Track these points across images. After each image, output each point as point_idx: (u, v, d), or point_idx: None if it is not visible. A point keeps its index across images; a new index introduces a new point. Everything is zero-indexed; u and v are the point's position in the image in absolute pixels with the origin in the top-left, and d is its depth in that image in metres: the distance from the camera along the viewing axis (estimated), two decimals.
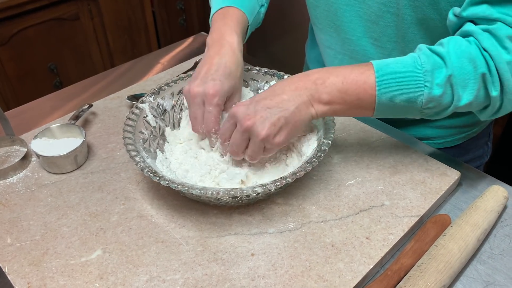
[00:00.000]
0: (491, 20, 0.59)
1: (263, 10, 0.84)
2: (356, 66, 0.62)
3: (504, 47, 0.58)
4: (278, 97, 0.62)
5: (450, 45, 0.60)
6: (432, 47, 0.61)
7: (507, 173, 1.16)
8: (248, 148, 0.64)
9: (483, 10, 0.59)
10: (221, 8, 0.76)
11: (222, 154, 0.69)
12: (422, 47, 0.62)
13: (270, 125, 0.61)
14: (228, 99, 0.70)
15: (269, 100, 0.62)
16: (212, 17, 0.77)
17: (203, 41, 1.17)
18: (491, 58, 0.58)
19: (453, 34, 0.65)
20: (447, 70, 0.58)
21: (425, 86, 0.59)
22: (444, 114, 0.63)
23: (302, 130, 0.64)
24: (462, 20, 0.63)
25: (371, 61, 0.62)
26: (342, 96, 0.61)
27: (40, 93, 1.00)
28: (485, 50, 0.58)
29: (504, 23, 0.58)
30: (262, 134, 0.61)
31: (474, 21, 0.61)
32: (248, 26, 0.78)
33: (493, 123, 0.98)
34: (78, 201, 0.68)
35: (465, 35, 0.62)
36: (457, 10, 0.63)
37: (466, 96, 0.60)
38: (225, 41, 0.70)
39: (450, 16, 0.65)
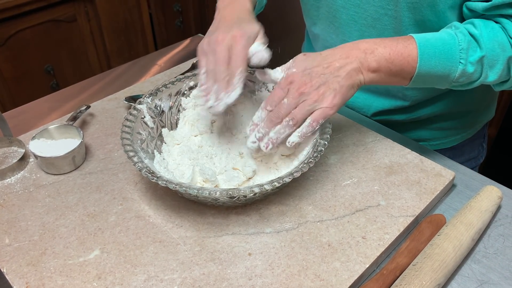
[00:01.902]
0: None
1: None
2: (400, 39, 0.66)
3: None
4: (331, 65, 0.65)
5: (482, 27, 0.65)
6: (466, 26, 0.66)
7: (502, 174, 1.17)
8: (296, 108, 0.64)
9: (506, 10, 0.65)
10: None
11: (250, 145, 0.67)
12: (458, 25, 0.67)
13: (325, 88, 0.64)
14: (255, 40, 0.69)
15: (322, 68, 0.65)
16: None
17: None
18: None
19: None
20: (481, 51, 0.64)
21: (460, 62, 0.65)
22: (469, 87, 0.69)
23: (352, 94, 0.67)
24: (477, 14, 0.68)
25: (411, 34, 0.66)
26: (389, 66, 0.65)
27: (37, 95, 1.00)
28: (510, 38, 0.65)
29: None
30: (317, 95, 0.63)
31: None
32: (256, 2, 0.79)
33: (488, 125, 0.99)
34: (76, 202, 0.69)
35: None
36: (476, 7, 0.67)
37: (492, 75, 0.66)
38: (237, 3, 0.72)
39: (465, 11, 0.70)
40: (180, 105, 0.78)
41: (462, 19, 0.72)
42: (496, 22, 0.66)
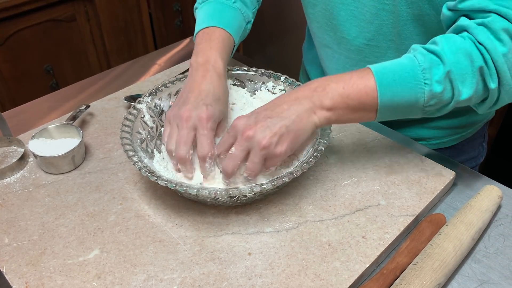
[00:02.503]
0: (486, 12, 0.60)
1: (249, 26, 0.84)
2: (355, 71, 0.62)
3: (499, 40, 0.58)
4: (279, 108, 0.62)
5: (444, 42, 0.60)
6: (425, 46, 0.62)
7: (502, 173, 1.16)
8: (248, 160, 0.62)
9: (479, 2, 0.60)
10: (207, 27, 0.75)
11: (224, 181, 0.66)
12: (416, 47, 0.62)
13: (272, 134, 0.59)
14: (218, 125, 0.68)
15: (270, 111, 0.62)
16: (196, 36, 0.76)
17: None
18: (487, 51, 0.58)
19: (447, 29, 0.66)
20: (445, 66, 0.59)
21: (425, 83, 0.59)
22: (445, 110, 0.63)
23: (304, 139, 0.63)
24: (456, 14, 0.64)
25: (368, 65, 0.62)
26: (345, 101, 0.61)
27: (36, 95, 1.00)
28: (480, 44, 0.59)
29: (500, 15, 0.58)
30: (263, 143, 0.59)
31: (469, 15, 0.62)
32: (234, 46, 0.78)
33: (488, 124, 0.99)
34: (75, 201, 0.69)
35: (459, 31, 0.62)
36: (451, 4, 0.63)
37: (466, 91, 0.60)
38: (210, 66, 0.70)
39: (444, 10, 0.65)
40: None
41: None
42: (464, 31, 0.61)
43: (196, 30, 0.77)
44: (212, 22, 0.76)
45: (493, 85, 0.60)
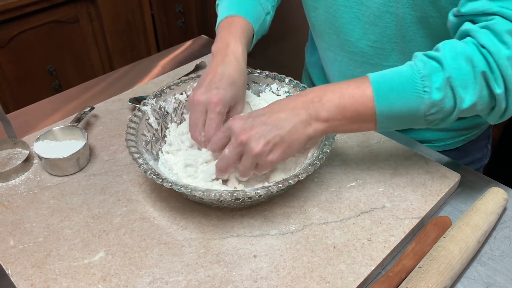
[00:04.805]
0: (490, 15, 0.58)
1: (269, 18, 0.85)
2: (352, 80, 0.62)
3: (503, 42, 0.56)
4: (276, 115, 0.62)
5: (446, 48, 0.59)
6: (427, 52, 0.60)
7: (507, 175, 1.16)
8: (240, 163, 0.63)
9: (482, 4, 0.59)
10: (227, 17, 0.77)
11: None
12: (418, 54, 0.61)
13: (265, 142, 0.60)
14: (231, 108, 0.71)
15: (266, 117, 0.62)
16: (218, 26, 0.78)
17: (203, 43, 1.17)
18: (490, 54, 0.56)
19: (453, 35, 0.65)
20: (444, 72, 0.57)
21: (424, 91, 0.57)
22: (449, 120, 0.61)
23: (298, 150, 0.63)
24: (461, 20, 0.63)
25: (368, 74, 0.61)
26: (341, 112, 0.60)
27: (39, 96, 1.00)
28: (483, 47, 0.57)
29: (503, 17, 0.57)
30: (256, 150, 0.60)
31: (473, 19, 0.61)
32: (253, 34, 0.79)
33: (492, 126, 0.99)
34: (80, 203, 0.69)
35: (463, 36, 0.61)
36: (455, 9, 0.63)
37: (468, 97, 0.58)
38: (229, 50, 0.72)
39: (450, 17, 0.64)
40: (185, 106, 0.78)
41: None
42: (467, 36, 0.60)
43: (217, 22, 0.79)
44: (231, 12, 0.78)
45: (498, 90, 0.57)
